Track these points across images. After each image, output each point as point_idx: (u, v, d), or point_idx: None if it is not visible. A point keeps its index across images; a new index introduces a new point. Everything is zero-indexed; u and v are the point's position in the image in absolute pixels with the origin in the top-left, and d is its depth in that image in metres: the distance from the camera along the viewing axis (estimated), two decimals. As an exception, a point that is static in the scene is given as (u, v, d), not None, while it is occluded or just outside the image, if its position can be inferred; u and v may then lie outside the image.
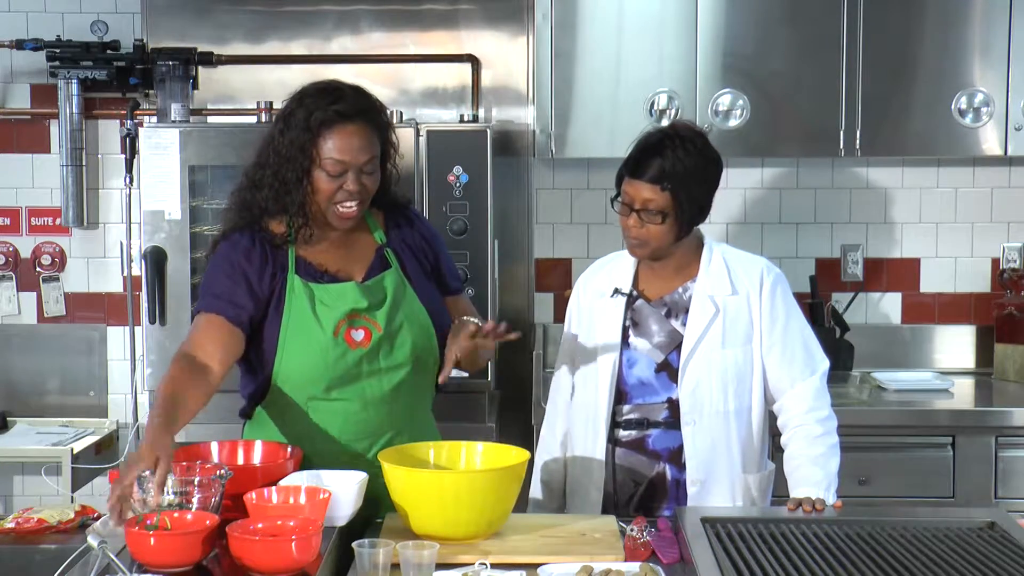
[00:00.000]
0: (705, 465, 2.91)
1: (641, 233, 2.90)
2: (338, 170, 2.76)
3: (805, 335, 2.99)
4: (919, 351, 4.70)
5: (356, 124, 2.78)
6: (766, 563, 2.33)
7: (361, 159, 2.78)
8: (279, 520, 2.39)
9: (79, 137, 4.63)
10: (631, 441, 2.96)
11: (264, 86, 4.62)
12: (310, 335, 2.79)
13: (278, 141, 2.81)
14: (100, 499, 4.26)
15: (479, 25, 4.64)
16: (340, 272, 2.87)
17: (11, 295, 4.78)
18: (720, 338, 2.91)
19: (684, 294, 2.97)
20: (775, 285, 2.97)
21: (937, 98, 4.29)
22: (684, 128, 2.95)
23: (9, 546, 2.74)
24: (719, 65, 4.29)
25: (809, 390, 2.94)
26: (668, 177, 2.85)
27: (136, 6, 4.60)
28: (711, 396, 2.90)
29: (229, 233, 2.88)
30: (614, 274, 3.05)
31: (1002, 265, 4.70)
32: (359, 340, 2.80)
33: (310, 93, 2.83)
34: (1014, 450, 4.05)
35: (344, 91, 2.84)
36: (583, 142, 4.37)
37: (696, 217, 2.93)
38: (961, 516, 2.69)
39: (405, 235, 2.96)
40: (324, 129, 2.76)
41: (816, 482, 2.83)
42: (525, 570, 2.36)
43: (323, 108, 2.77)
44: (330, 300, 2.81)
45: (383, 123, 2.86)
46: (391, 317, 2.83)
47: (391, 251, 2.92)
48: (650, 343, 2.96)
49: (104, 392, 4.77)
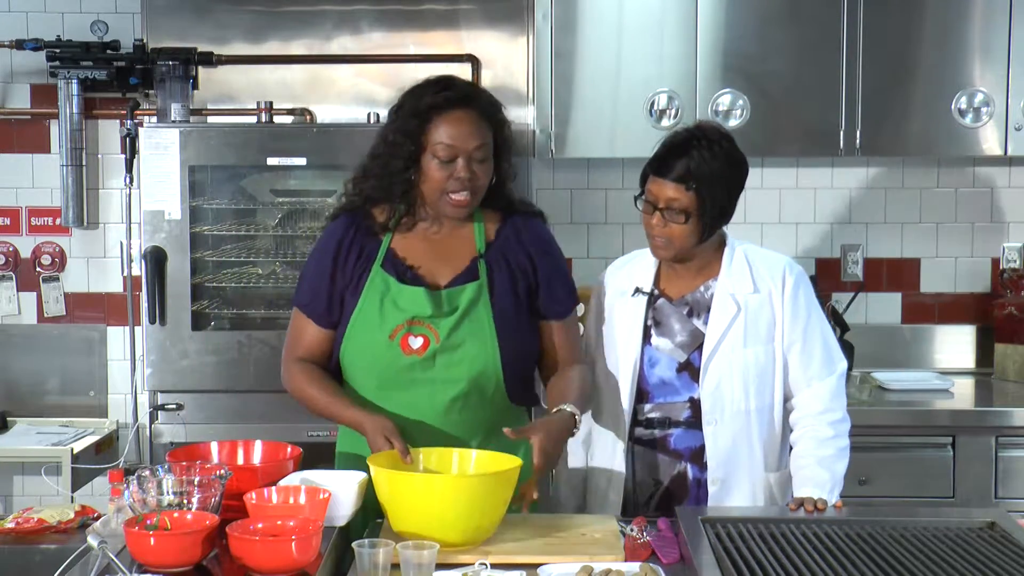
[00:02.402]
0: (726, 464, 2.90)
1: (664, 232, 2.88)
2: (448, 155, 2.74)
3: (825, 335, 2.98)
4: (919, 351, 4.71)
5: (466, 110, 2.77)
6: (766, 563, 2.33)
7: (471, 145, 2.75)
8: (279, 520, 2.39)
9: (79, 137, 4.63)
10: (652, 440, 2.95)
11: (264, 86, 4.63)
12: (370, 332, 2.79)
13: (388, 130, 2.81)
14: (100, 499, 4.25)
15: (479, 25, 4.64)
16: (426, 273, 2.84)
17: (11, 295, 4.78)
18: (742, 337, 2.90)
19: (706, 293, 2.95)
20: (797, 283, 2.95)
21: (937, 98, 4.29)
22: (711, 129, 2.94)
23: (9, 546, 2.74)
24: (719, 65, 4.29)
25: (826, 390, 2.93)
26: (693, 177, 2.84)
27: (136, 6, 4.60)
28: (732, 395, 2.89)
29: (335, 216, 2.92)
30: (635, 273, 3.03)
31: (1002, 265, 4.70)
32: (415, 347, 2.77)
33: (421, 84, 2.84)
34: (1014, 450, 4.05)
35: (455, 80, 2.85)
36: (583, 142, 4.37)
37: (718, 219, 2.92)
38: (961, 516, 2.69)
39: (509, 247, 2.88)
40: (434, 114, 2.75)
41: (821, 483, 2.83)
42: (525, 570, 2.36)
43: (433, 94, 2.77)
44: (400, 301, 2.79)
45: (495, 115, 2.84)
46: (454, 330, 2.78)
47: (485, 263, 2.85)
48: (672, 342, 2.95)
49: (104, 392, 4.77)
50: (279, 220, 4.46)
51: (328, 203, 4.45)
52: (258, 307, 4.40)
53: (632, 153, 4.43)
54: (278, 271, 4.48)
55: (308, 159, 4.21)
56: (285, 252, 4.45)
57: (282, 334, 4.20)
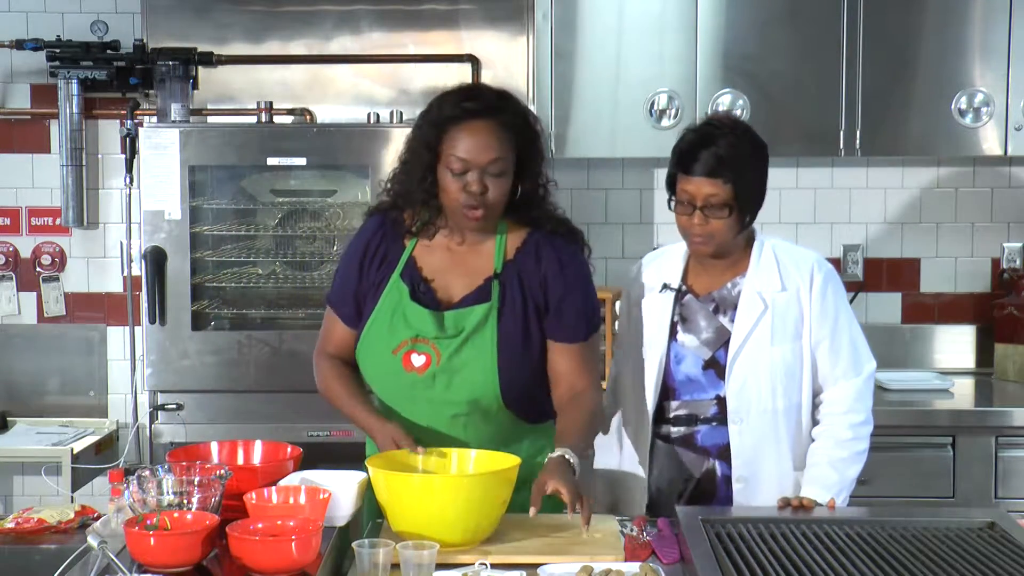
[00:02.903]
0: (751, 463, 2.88)
1: (707, 230, 2.84)
2: (460, 168, 2.68)
3: (854, 334, 2.95)
4: (919, 351, 4.71)
5: (485, 122, 2.69)
6: (766, 563, 2.33)
7: (483, 159, 2.67)
8: (279, 520, 2.38)
9: (79, 137, 4.63)
10: (680, 437, 2.94)
11: (264, 86, 4.63)
12: (378, 344, 2.78)
13: (411, 136, 2.79)
14: (100, 499, 4.26)
15: (479, 25, 4.64)
16: (440, 288, 2.80)
17: (11, 295, 4.79)
18: (768, 335, 2.88)
19: (733, 290, 2.93)
20: (826, 281, 2.92)
21: (937, 98, 4.30)
22: (724, 118, 2.92)
23: (9, 546, 2.73)
24: (719, 65, 4.29)
25: (851, 390, 2.91)
26: (726, 166, 2.80)
27: (136, 6, 4.60)
28: (759, 395, 2.87)
29: (371, 214, 2.92)
30: (664, 268, 3.01)
31: (1002, 265, 4.70)
32: (417, 365, 2.75)
33: (448, 91, 2.79)
34: (1014, 450, 4.05)
35: (482, 90, 2.80)
36: (583, 142, 4.37)
37: (755, 206, 2.89)
38: (961, 516, 2.69)
39: (526, 267, 2.79)
40: (451, 125, 2.70)
41: (828, 485, 2.82)
42: (525, 570, 2.36)
43: (453, 104, 2.72)
44: (409, 316, 2.76)
45: (523, 128, 2.74)
46: (456, 353, 2.74)
47: (499, 284, 2.78)
48: (698, 339, 2.93)
49: (104, 392, 4.77)
50: (279, 220, 4.46)
51: (328, 203, 4.45)
52: (258, 307, 4.40)
53: (632, 153, 4.45)
54: (278, 271, 4.49)
55: (308, 159, 4.21)
56: (285, 252, 4.46)
57: (282, 334, 4.27)
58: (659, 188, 4.74)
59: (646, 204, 4.74)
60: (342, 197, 4.46)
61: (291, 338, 4.24)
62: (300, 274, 4.48)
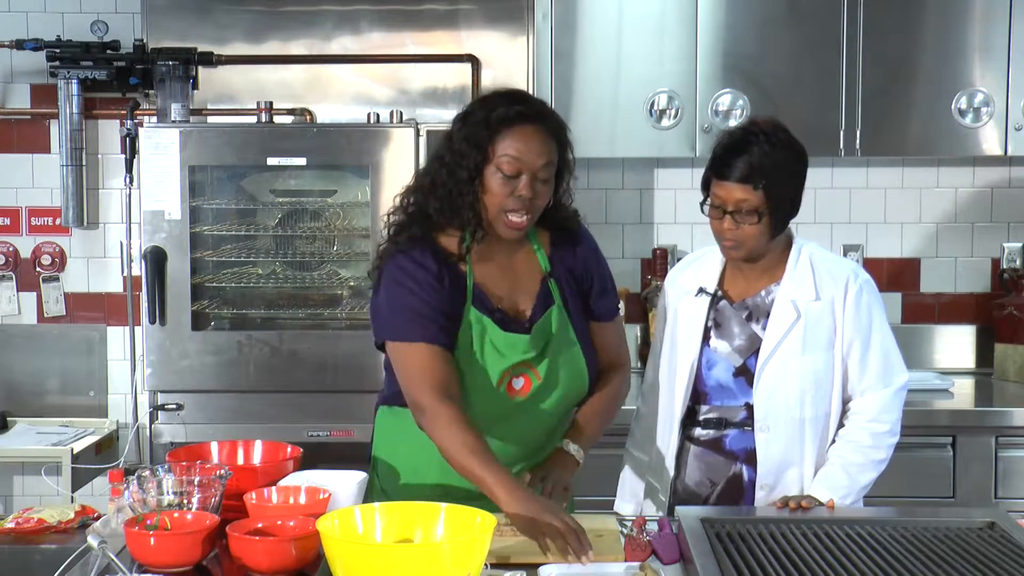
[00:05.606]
0: (776, 471, 2.87)
1: (737, 235, 2.83)
2: (513, 170, 2.65)
3: (887, 346, 2.91)
4: (919, 351, 4.70)
5: (536, 127, 2.68)
6: (766, 563, 2.33)
7: (538, 162, 2.66)
8: (279, 520, 2.39)
9: (79, 137, 4.63)
10: (709, 441, 2.93)
11: (264, 86, 4.63)
12: (474, 378, 2.72)
13: (455, 138, 2.71)
14: (100, 499, 4.26)
15: (479, 25, 4.64)
16: (508, 305, 2.76)
17: (11, 295, 4.79)
18: (800, 344, 2.85)
19: (767, 297, 2.91)
20: (861, 292, 2.89)
21: (937, 98, 4.29)
22: (764, 123, 2.88)
23: (9, 546, 2.74)
24: (719, 65, 4.29)
25: (878, 401, 2.89)
26: (759, 173, 2.79)
27: (136, 6, 4.61)
28: (787, 404, 2.85)
29: (408, 249, 2.72)
30: (701, 272, 3.00)
31: (1002, 265, 4.70)
32: (518, 388, 2.74)
33: (492, 95, 2.77)
34: (1014, 450, 4.05)
35: (528, 96, 2.79)
36: (583, 142, 4.30)
37: (789, 212, 2.88)
38: (961, 516, 2.69)
39: (567, 258, 2.85)
40: (504, 127, 2.66)
41: (835, 487, 2.81)
42: (525, 570, 2.36)
43: (505, 107, 2.69)
44: (501, 346, 2.72)
45: (563, 137, 2.74)
46: (552, 367, 2.75)
47: (555, 282, 2.81)
48: (730, 346, 2.91)
49: (104, 392, 4.77)
50: (279, 220, 4.46)
51: (328, 203, 4.45)
52: (258, 307, 4.40)
53: (632, 153, 4.45)
54: (278, 271, 4.49)
55: (308, 159, 4.21)
56: (285, 252, 4.46)
57: (282, 334, 4.27)
58: (659, 188, 4.74)
59: (646, 204, 4.74)
60: (342, 197, 4.46)
61: (291, 338, 4.24)
62: (300, 274, 4.48)
